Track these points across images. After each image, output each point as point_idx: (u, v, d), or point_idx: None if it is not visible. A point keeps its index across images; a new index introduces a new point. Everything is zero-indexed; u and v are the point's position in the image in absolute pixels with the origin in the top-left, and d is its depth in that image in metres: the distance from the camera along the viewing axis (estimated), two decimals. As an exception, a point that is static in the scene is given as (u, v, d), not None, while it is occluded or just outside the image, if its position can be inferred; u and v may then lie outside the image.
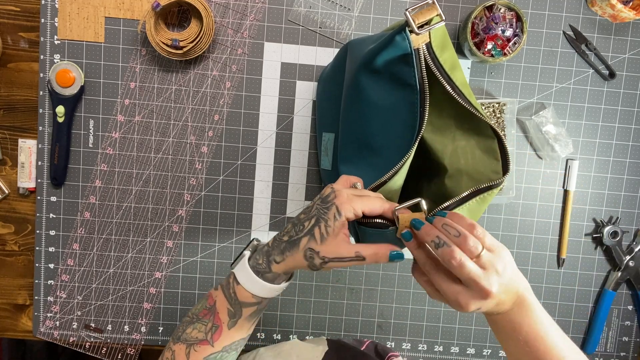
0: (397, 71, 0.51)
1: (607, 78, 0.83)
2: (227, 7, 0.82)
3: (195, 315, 0.54)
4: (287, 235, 0.51)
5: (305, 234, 0.49)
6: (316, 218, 0.49)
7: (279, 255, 0.50)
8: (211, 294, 0.54)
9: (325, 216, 0.48)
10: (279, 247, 0.51)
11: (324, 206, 0.49)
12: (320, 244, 0.48)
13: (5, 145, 0.83)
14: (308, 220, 0.49)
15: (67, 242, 0.84)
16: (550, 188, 0.85)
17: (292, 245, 0.50)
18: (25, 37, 0.82)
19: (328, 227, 0.48)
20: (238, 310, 0.52)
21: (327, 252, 0.48)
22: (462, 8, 0.82)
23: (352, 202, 0.48)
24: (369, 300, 0.87)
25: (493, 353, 0.87)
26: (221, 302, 0.53)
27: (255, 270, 0.51)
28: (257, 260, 0.51)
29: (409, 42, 0.49)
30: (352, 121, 0.59)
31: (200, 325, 0.53)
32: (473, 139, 0.57)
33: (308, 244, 0.49)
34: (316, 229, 0.48)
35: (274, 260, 0.51)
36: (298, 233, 0.49)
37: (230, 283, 0.52)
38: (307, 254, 0.49)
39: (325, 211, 0.48)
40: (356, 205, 0.48)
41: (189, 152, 0.83)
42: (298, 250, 0.49)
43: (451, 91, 0.52)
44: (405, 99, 0.52)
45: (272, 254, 0.51)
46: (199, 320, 0.53)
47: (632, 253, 0.84)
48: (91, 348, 0.86)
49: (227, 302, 0.52)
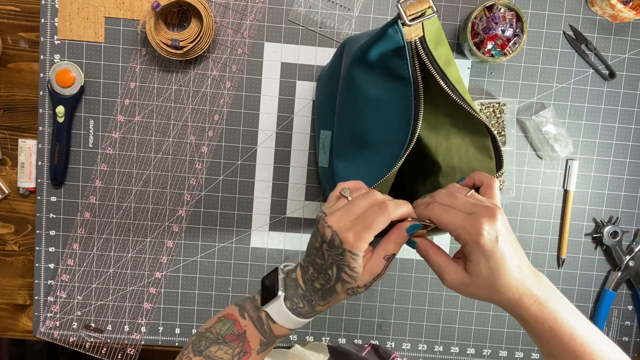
0: (391, 64, 0.51)
1: (607, 78, 0.83)
2: (227, 7, 0.82)
3: (221, 337, 0.53)
4: (318, 282, 0.50)
5: (335, 281, 0.49)
6: (337, 266, 0.48)
7: (322, 300, 0.51)
8: (237, 320, 0.53)
9: (344, 262, 0.47)
10: (317, 294, 0.51)
11: (335, 252, 0.47)
12: (355, 281, 0.48)
13: (5, 145, 0.83)
14: (330, 269, 0.49)
15: (67, 242, 0.84)
16: (550, 188, 0.85)
17: (331, 292, 0.50)
18: (25, 37, 0.82)
19: (353, 268, 0.47)
20: (272, 341, 0.53)
21: (364, 280, 0.48)
22: (462, 8, 0.82)
23: (360, 238, 0.46)
24: (369, 300, 0.87)
25: (493, 353, 0.87)
26: (252, 332, 0.52)
27: (297, 313, 0.51)
28: (297, 303, 0.51)
29: (401, 35, 0.49)
30: (347, 117, 0.59)
31: (227, 348, 0.52)
32: (467, 136, 0.57)
33: (344, 287, 0.49)
34: (343, 274, 0.48)
35: (318, 304, 0.51)
36: (328, 282, 0.49)
37: (264, 320, 0.52)
38: (348, 292, 0.50)
39: (341, 258, 0.47)
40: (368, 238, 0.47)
41: (189, 152, 0.83)
42: (339, 294, 0.50)
43: (445, 87, 0.52)
44: (400, 92, 0.51)
45: (312, 299, 0.51)
46: (225, 343, 0.52)
47: (632, 253, 0.84)
48: (91, 348, 0.86)
49: (261, 335, 0.52)
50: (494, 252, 0.44)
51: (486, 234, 0.44)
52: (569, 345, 0.44)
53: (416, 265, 0.86)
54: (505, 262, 0.44)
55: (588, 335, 0.45)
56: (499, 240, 0.44)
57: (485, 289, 0.46)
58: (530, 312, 0.45)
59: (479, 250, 0.44)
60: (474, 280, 0.46)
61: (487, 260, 0.44)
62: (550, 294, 0.45)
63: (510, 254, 0.45)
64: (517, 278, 0.45)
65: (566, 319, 0.45)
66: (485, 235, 0.44)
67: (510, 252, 0.45)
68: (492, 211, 0.45)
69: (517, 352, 0.87)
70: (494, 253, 0.44)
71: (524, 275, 0.45)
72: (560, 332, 0.44)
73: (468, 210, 0.46)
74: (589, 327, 0.45)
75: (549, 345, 0.45)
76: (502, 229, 0.45)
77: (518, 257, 0.45)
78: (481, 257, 0.44)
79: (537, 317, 0.45)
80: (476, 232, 0.44)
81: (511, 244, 0.45)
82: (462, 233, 0.45)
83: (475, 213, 0.45)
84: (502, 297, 0.45)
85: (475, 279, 0.46)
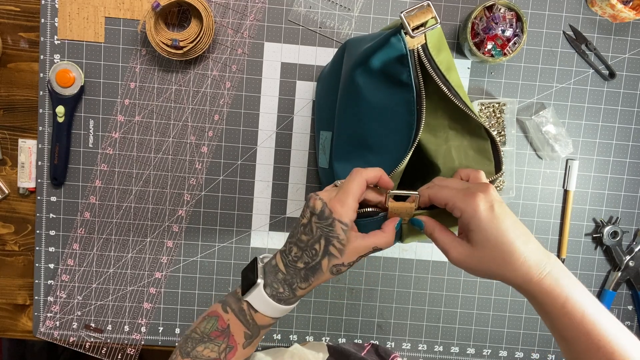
0: (393, 71, 0.52)
1: (607, 78, 0.83)
2: (227, 7, 0.82)
3: (206, 335, 0.53)
4: (301, 261, 0.50)
5: (322, 256, 0.49)
6: (325, 238, 0.48)
7: (304, 282, 0.51)
8: (220, 315, 0.53)
9: (333, 233, 0.48)
10: (299, 275, 0.50)
11: (325, 224, 0.48)
12: (342, 256, 0.49)
13: (5, 145, 0.83)
14: (317, 243, 0.49)
15: (67, 242, 0.84)
16: (550, 188, 0.85)
17: (315, 270, 0.50)
18: (25, 37, 0.82)
19: (342, 240, 0.48)
20: (256, 333, 0.53)
21: (350, 257, 0.49)
22: (462, 8, 0.82)
23: (346, 204, 0.48)
24: (369, 300, 0.87)
25: (493, 353, 0.87)
26: (236, 325, 0.52)
27: (277, 299, 0.51)
28: (277, 289, 0.51)
29: (404, 44, 0.49)
30: (348, 119, 0.59)
31: (213, 346, 0.52)
32: (466, 139, 0.58)
33: (330, 262, 0.49)
34: (331, 247, 0.48)
35: (300, 288, 0.51)
36: (314, 258, 0.49)
37: (246, 310, 0.52)
38: (333, 270, 0.50)
39: (330, 229, 0.48)
40: (350, 202, 0.48)
41: (189, 152, 0.83)
42: (323, 272, 0.50)
43: (447, 92, 0.52)
44: (402, 97, 0.52)
45: (294, 282, 0.51)
46: (210, 341, 0.52)
47: (632, 253, 0.84)
48: (91, 348, 0.86)
49: (244, 327, 0.52)
50: (491, 218, 0.45)
51: (481, 201, 0.45)
52: (582, 325, 0.44)
53: (416, 265, 0.86)
54: (506, 229, 0.45)
55: (600, 317, 0.44)
56: (494, 208, 0.45)
57: (491, 261, 0.46)
58: (541, 286, 0.44)
59: (476, 217, 0.45)
60: (478, 251, 0.46)
61: (486, 226, 0.45)
62: (562, 271, 0.45)
63: (510, 222, 0.45)
64: (522, 249, 0.45)
65: (578, 298, 0.44)
66: (479, 202, 0.45)
67: (509, 221, 0.45)
68: (485, 185, 0.47)
69: (517, 352, 0.87)
70: (492, 219, 0.45)
71: (529, 249, 0.45)
72: (571, 311, 0.44)
73: (463, 187, 0.48)
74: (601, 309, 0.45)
75: (561, 325, 0.45)
76: (498, 199, 0.46)
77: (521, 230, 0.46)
78: (480, 223, 0.45)
79: (548, 293, 0.44)
80: (471, 199, 0.45)
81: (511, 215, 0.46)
82: (458, 202, 0.46)
83: (469, 187, 0.47)
84: (510, 268, 0.45)
85: (479, 250, 0.46)
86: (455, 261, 0.48)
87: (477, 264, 0.47)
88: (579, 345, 0.44)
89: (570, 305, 0.44)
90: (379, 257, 0.86)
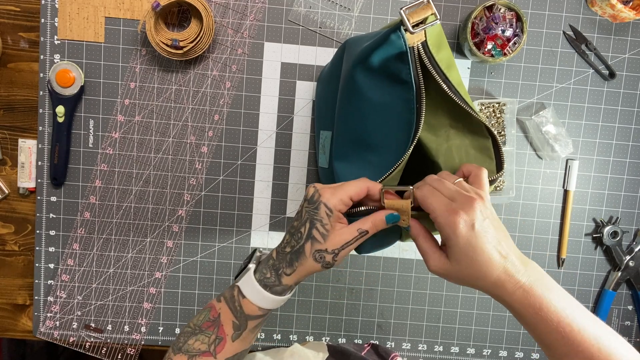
0: (393, 69, 0.51)
1: (607, 78, 0.83)
2: (227, 7, 0.82)
3: (198, 327, 0.53)
4: (289, 246, 0.51)
5: (305, 239, 0.49)
6: (310, 221, 0.49)
7: (288, 267, 0.51)
8: (213, 305, 0.54)
9: (318, 216, 0.49)
10: (285, 260, 0.51)
11: (312, 207, 0.49)
12: (325, 242, 0.49)
13: (5, 145, 0.83)
14: (303, 226, 0.50)
15: (67, 242, 0.84)
16: (550, 188, 0.85)
17: (298, 255, 0.50)
18: (25, 37, 0.82)
19: (325, 224, 0.49)
20: (243, 323, 0.53)
21: (334, 244, 0.49)
22: (462, 8, 0.82)
23: (337, 194, 0.49)
24: (369, 300, 0.87)
25: (493, 353, 0.87)
26: (226, 314, 0.52)
27: (263, 284, 0.51)
28: (265, 274, 0.51)
29: (404, 41, 0.49)
30: (348, 118, 0.59)
31: (203, 337, 0.52)
32: (467, 138, 0.58)
33: (313, 247, 0.49)
34: (314, 231, 0.49)
35: (284, 273, 0.51)
36: (298, 241, 0.50)
37: (235, 296, 0.52)
38: (316, 256, 0.50)
39: (315, 212, 0.49)
40: (342, 195, 0.49)
41: (189, 152, 0.83)
42: (306, 257, 0.50)
43: (448, 90, 0.52)
44: (401, 95, 0.52)
45: (280, 267, 0.51)
46: (201, 332, 0.53)
47: (632, 253, 0.84)
48: (91, 348, 0.86)
49: (232, 315, 0.52)
50: (469, 239, 0.45)
51: (462, 221, 0.45)
52: (557, 331, 0.44)
53: (416, 265, 0.86)
54: (483, 248, 0.45)
55: (578, 321, 0.44)
56: (475, 227, 0.45)
57: (466, 276, 0.47)
58: (514, 297, 0.45)
59: (455, 236, 0.45)
60: (455, 266, 0.47)
61: (463, 246, 0.45)
62: (537, 280, 0.46)
63: (487, 241, 0.45)
64: (498, 264, 0.45)
65: (553, 304, 0.45)
66: (460, 222, 0.45)
67: (488, 239, 0.45)
68: (471, 200, 0.46)
69: (517, 352, 0.87)
70: (469, 240, 0.45)
71: (506, 262, 0.46)
72: (546, 318, 0.45)
73: (451, 196, 0.47)
74: (581, 312, 0.45)
75: (538, 331, 0.46)
76: (480, 217, 0.46)
77: (499, 244, 0.46)
78: (457, 242, 0.45)
79: (521, 302, 0.45)
80: (452, 219, 0.45)
81: (490, 232, 0.46)
82: (440, 217, 0.46)
83: (455, 200, 0.47)
84: (483, 282, 0.46)
85: (455, 265, 0.47)
86: (432, 271, 0.49)
87: (452, 276, 0.48)
88: (559, 349, 0.45)
89: (544, 313, 0.45)
90: (379, 257, 0.86)
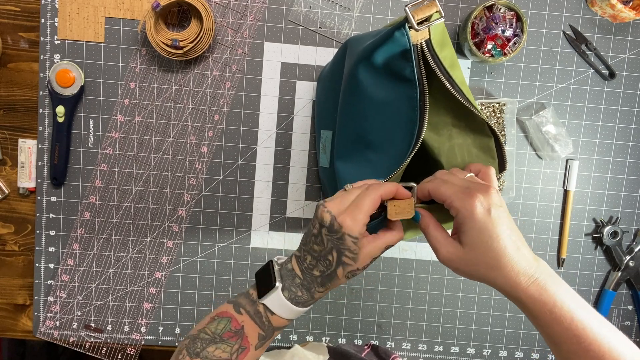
0: (396, 66, 0.51)
1: (607, 78, 0.83)
2: (227, 7, 0.82)
3: (218, 336, 0.53)
4: (317, 270, 0.51)
5: (336, 266, 0.50)
6: (337, 250, 0.49)
7: (321, 287, 0.51)
8: (234, 316, 0.53)
9: (344, 246, 0.48)
10: (317, 281, 0.51)
11: (335, 237, 0.48)
12: (355, 263, 0.49)
13: (5, 145, 0.83)
14: (330, 254, 0.49)
15: (67, 242, 0.84)
16: (550, 188, 0.85)
17: (331, 278, 0.50)
18: (25, 37, 0.82)
19: (353, 251, 0.48)
20: (270, 334, 0.53)
21: (364, 262, 0.50)
22: (462, 8, 0.82)
23: (357, 219, 0.47)
24: (369, 300, 0.87)
25: (493, 353, 0.87)
26: (250, 327, 0.52)
27: (296, 302, 0.51)
28: (296, 292, 0.52)
29: (408, 38, 0.49)
30: (350, 117, 0.59)
31: (225, 346, 0.52)
32: (469, 137, 0.57)
33: (345, 270, 0.50)
34: (344, 258, 0.49)
35: (317, 292, 0.52)
36: (328, 267, 0.50)
37: (262, 313, 0.52)
38: (348, 275, 0.50)
39: (340, 241, 0.48)
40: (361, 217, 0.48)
41: (189, 152, 0.83)
42: (339, 279, 0.50)
43: (451, 89, 0.52)
44: (404, 93, 0.52)
45: (311, 287, 0.51)
46: (223, 341, 0.52)
47: (632, 253, 0.84)
48: (91, 348, 0.86)
49: (259, 328, 0.52)
50: (486, 222, 0.44)
51: (478, 203, 0.44)
52: (570, 329, 0.44)
53: (416, 265, 0.86)
54: (499, 235, 0.44)
55: (589, 320, 0.44)
56: (491, 212, 0.44)
57: (480, 265, 0.45)
58: (529, 293, 0.44)
59: (471, 219, 0.44)
60: (468, 253, 0.46)
61: (479, 230, 0.44)
62: (550, 277, 0.45)
63: (504, 228, 0.45)
64: (513, 255, 0.44)
65: (566, 303, 0.44)
66: (477, 204, 0.44)
67: (504, 226, 0.45)
68: (486, 187, 0.46)
69: (517, 352, 0.87)
70: (486, 223, 0.44)
71: (520, 255, 0.45)
72: (560, 316, 0.44)
73: (464, 185, 0.47)
74: (590, 312, 0.45)
75: (550, 330, 0.45)
76: (497, 202, 0.45)
77: (515, 236, 0.45)
78: (474, 226, 0.45)
79: (535, 299, 0.44)
80: (469, 200, 0.45)
81: (505, 221, 0.45)
82: (456, 200, 0.45)
83: (470, 187, 0.46)
84: (497, 273, 0.45)
85: (469, 252, 0.46)
86: (444, 260, 0.48)
87: (465, 265, 0.47)
88: (568, 348, 0.44)
89: (558, 311, 0.44)
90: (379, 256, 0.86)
